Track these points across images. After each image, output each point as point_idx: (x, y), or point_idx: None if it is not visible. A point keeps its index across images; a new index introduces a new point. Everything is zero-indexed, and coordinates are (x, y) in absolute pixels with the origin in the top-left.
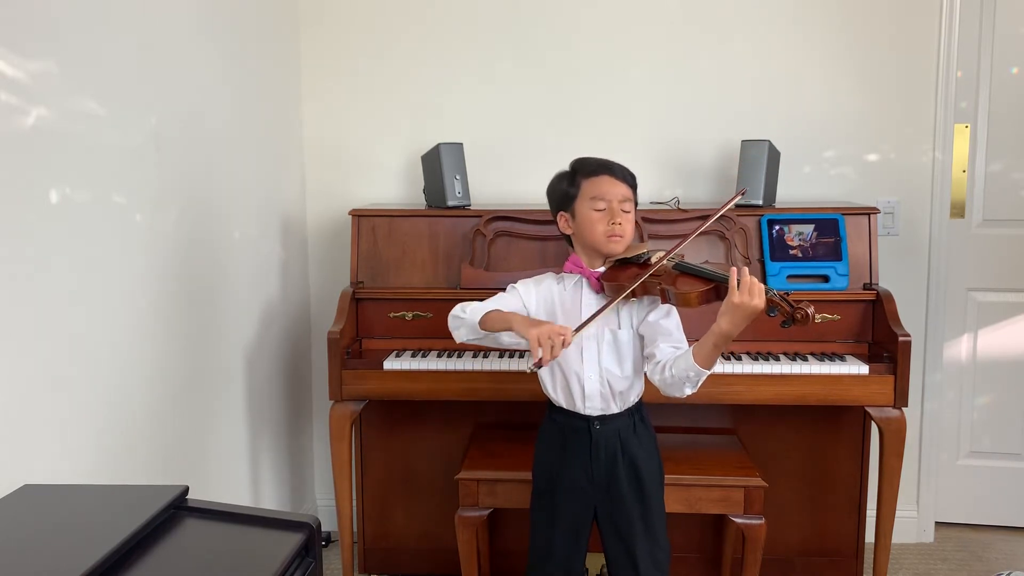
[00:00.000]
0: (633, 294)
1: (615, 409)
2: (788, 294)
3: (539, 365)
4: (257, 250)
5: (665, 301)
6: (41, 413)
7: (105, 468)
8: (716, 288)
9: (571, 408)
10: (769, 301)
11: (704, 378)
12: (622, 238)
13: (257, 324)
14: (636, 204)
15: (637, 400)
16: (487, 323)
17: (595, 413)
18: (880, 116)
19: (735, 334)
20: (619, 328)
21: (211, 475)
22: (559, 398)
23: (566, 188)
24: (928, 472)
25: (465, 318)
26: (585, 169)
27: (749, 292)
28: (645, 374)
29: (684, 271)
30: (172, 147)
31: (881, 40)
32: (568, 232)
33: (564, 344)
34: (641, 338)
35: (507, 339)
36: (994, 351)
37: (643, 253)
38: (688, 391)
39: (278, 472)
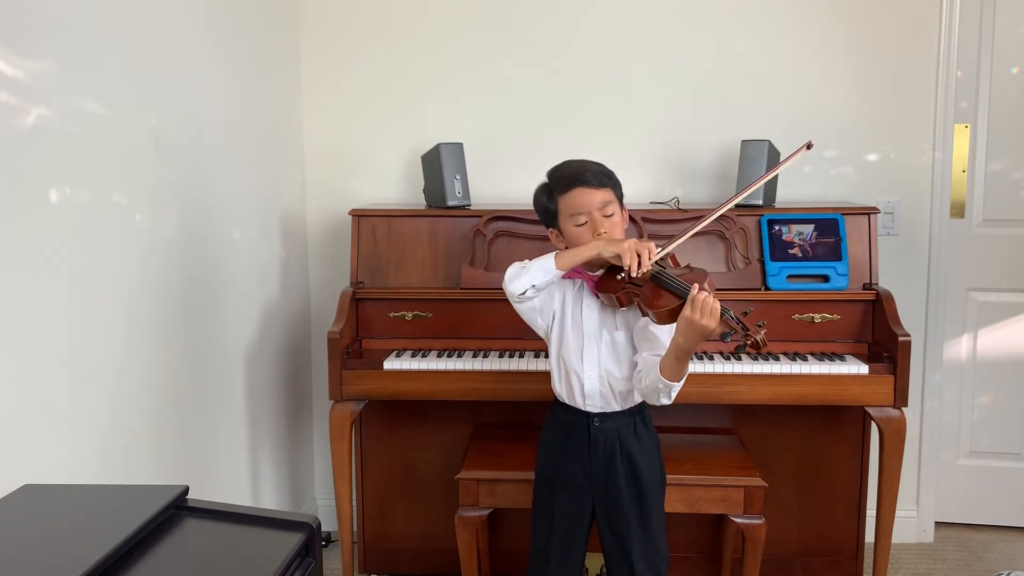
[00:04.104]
0: (620, 304)
1: (616, 407)
2: (747, 315)
3: (629, 275)
4: (257, 250)
5: (644, 315)
6: (41, 413)
7: (105, 468)
8: (682, 305)
9: (572, 404)
10: (725, 324)
11: (675, 390)
12: None
13: (257, 324)
14: (621, 198)
15: (641, 401)
16: (563, 261)
17: (595, 410)
18: (880, 116)
19: (692, 349)
20: (616, 329)
21: (211, 475)
22: (563, 393)
23: (546, 205)
24: (928, 472)
25: (531, 265)
26: (559, 185)
27: (700, 310)
28: None
29: (659, 283)
30: (172, 147)
31: (881, 40)
32: (561, 247)
33: (650, 255)
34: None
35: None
36: (994, 351)
37: (669, 249)
38: (664, 401)
39: (278, 472)
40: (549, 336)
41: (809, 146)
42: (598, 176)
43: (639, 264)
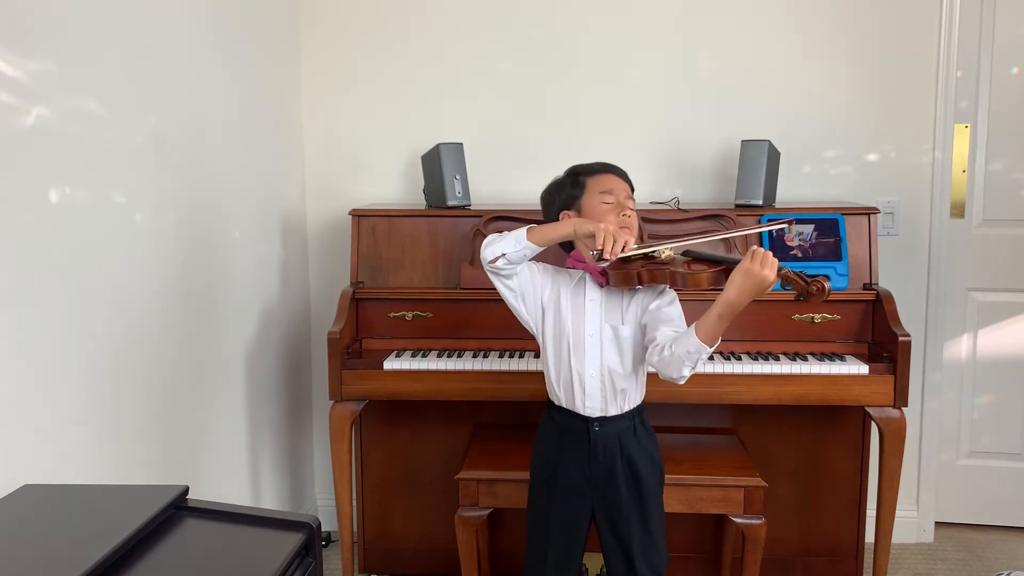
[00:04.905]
0: (640, 281)
1: (615, 411)
2: (803, 272)
3: (601, 256)
4: (257, 250)
5: (674, 285)
6: (41, 413)
7: (105, 468)
8: (728, 270)
9: (571, 407)
10: (784, 277)
11: (704, 356)
12: (631, 231)
13: (257, 324)
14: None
15: (639, 403)
16: (535, 235)
17: (595, 414)
18: (880, 116)
19: (741, 304)
20: (622, 324)
21: (211, 475)
22: (560, 396)
23: (569, 188)
24: (928, 472)
25: (506, 234)
26: (587, 169)
27: (761, 262)
28: (647, 373)
29: (695, 258)
30: (172, 147)
31: (881, 40)
32: None
33: (625, 247)
34: (643, 329)
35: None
36: (994, 351)
37: (650, 250)
38: (686, 371)
39: (278, 472)
40: (541, 332)
41: (790, 223)
42: (623, 172)
43: (612, 247)
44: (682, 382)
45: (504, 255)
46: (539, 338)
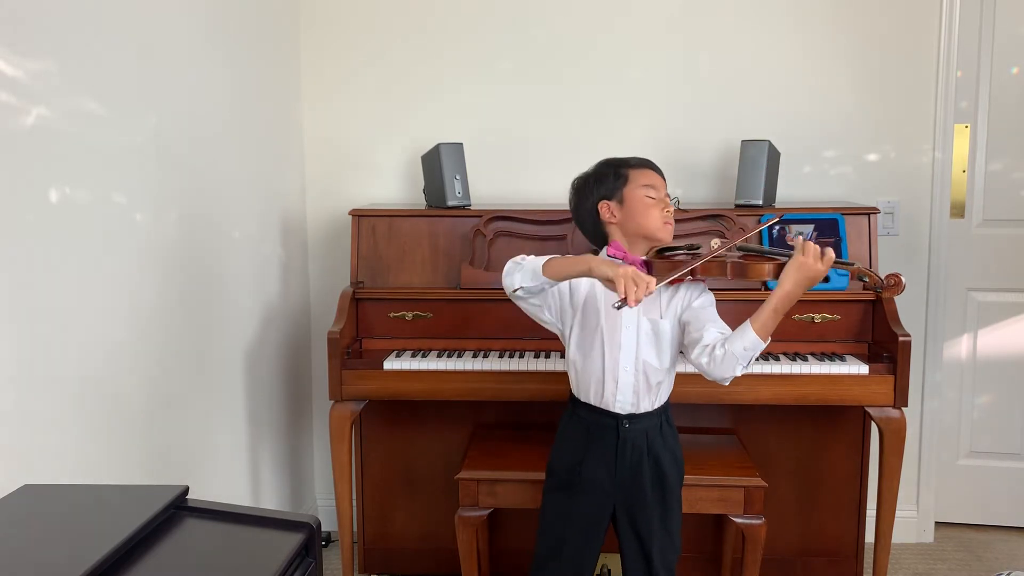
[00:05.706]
0: (692, 273)
1: (645, 408)
2: (853, 265)
3: (623, 304)
4: (257, 250)
5: (735, 275)
6: (41, 413)
7: (105, 468)
8: (782, 264)
9: (599, 404)
10: (858, 271)
11: (758, 351)
12: (673, 227)
13: (257, 324)
14: None
15: (666, 400)
16: (551, 270)
17: (625, 411)
18: (880, 116)
19: (796, 297)
20: (661, 318)
21: (211, 475)
22: (589, 392)
23: (611, 180)
24: (928, 472)
25: (524, 264)
26: (626, 162)
27: (815, 256)
28: (678, 369)
29: (747, 252)
30: (172, 147)
31: (881, 40)
32: (612, 220)
33: (648, 290)
34: (682, 326)
35: (550, 303)
36: (994, 351)
37: (691, 245)
38: (739, 370)
39: (278, 472)
40: (570, 327)
41: (780, 215)
42: (661, 171)
43: (635, 295)
44: (726, 383)
45: (523, 287)
46: (566, 332)
